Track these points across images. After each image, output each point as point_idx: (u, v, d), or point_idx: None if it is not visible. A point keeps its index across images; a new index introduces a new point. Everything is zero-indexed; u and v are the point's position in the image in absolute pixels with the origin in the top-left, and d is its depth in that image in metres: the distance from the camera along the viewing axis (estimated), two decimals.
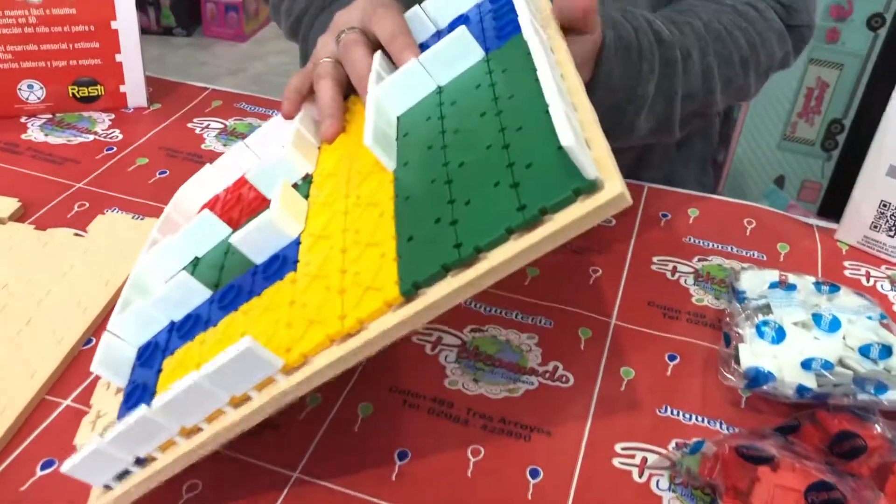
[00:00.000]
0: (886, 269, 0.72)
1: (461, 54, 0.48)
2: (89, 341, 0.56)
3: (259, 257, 0.47)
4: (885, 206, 0.71)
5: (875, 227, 0.73)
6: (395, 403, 0.53)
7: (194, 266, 0.52)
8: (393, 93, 0.49)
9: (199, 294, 0.47)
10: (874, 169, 0.71)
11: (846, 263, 0.72)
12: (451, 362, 0.57)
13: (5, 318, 0.57)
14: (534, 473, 0.50)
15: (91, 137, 0.79)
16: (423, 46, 0.54)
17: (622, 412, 0.54)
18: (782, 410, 0.55)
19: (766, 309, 0.60)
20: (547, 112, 0.37)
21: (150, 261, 0.52)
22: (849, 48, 1.71)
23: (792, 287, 0.63)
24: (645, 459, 0.52)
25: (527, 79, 0.42)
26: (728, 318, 0.60)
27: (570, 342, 0.59)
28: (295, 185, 0.53)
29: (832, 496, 0.43)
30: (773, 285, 0.63)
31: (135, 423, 0.41)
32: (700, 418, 0.54)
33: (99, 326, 0.57)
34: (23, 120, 0.80)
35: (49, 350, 0.54)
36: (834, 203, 1.81)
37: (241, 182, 0.58)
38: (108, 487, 0.44)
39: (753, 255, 0.72)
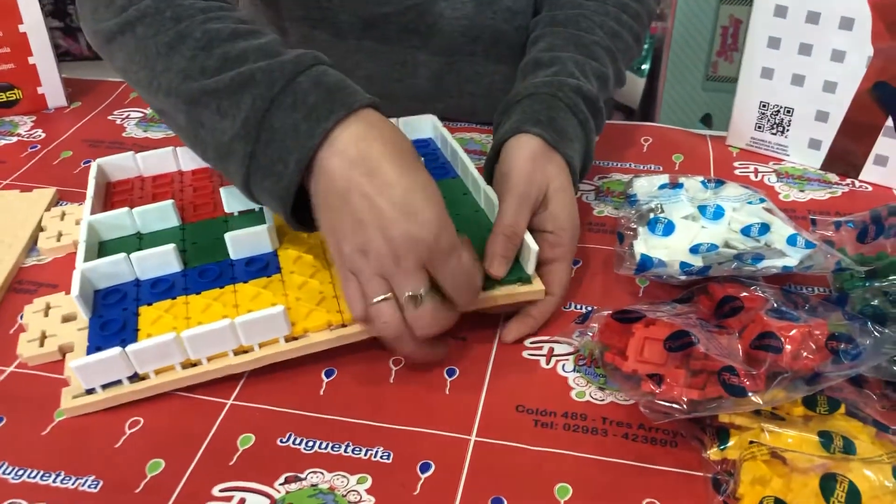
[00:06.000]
0: (774, 164, 0.78)
1: None
2: None
3: (237, 255, 0.59)
4: (764, 106, 0.77)
5: (759, 127, 0.78)
6: None
7: (139, 240, 0.62)
8: None
9: (172, 266, 0.59)
10: (749, 73, 0.76)
11: (736, 164, 0.78)
12: None
13: None
14: (451, 372, 0.55)
15: (14, 139, 0.82)
16: None
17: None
18: (678, 293, 0.60)
19: (658, 208, 0.66)
20: (490, 230, 0.57)
21: (102, 218, 0.62)
22: None
23: (679, 186, 0.68)
24: (552, 349, 0.56)
25: (468, 208, 0.63)
26: (623, 221, 0.65)
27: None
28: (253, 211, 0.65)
29: (685, 342, 0.49)
30: (662, 187, 0.69)
31: (157, 344, 0.50)
32: (590, 309, 0.59)
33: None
34: None
35: None
36: None
37: (167, 178, 0.71)
38: (90, 392, 0.51)
39: (650, 167, 0.77)
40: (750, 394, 0.46)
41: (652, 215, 0.65)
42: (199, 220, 0.65)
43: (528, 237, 0.56)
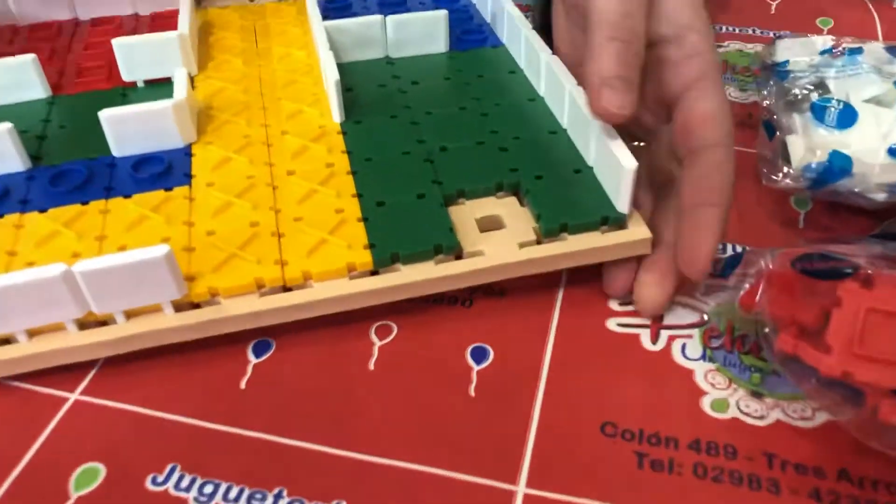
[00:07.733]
0: None
1: (425, 38, 0.44)
2: None
3: (122, 150, 0.37)
4: None
5: None
6: None
7: None
8: (341, 38, 0.43)
9: (10, 161, 0.36)
10: None
11: None
12: None
13: None
14: (479, 355, 0.30)
15: None
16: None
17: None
18: (864, 225, 0.36)
19: (821, 85, 0.40)
20: (553, 133, 0.37)
21: None
22: None
23: (857, 52, 0.42)
24: (660, 317, 0.32)
25: (517, 94, 0.40)
26: (768, 105, 0.40)
27: None
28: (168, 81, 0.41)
29: None
30: (825, 52, 0.43)
31: None
32: (739, 250, 0.35)
33: None
34: None
35: None
36: None
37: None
38: None
39: (784, 35, 0.51)
40: None
41: (816, 96, 0.39)
42: (82, 92, 0.41)
43: (622, 147, 0.31)
